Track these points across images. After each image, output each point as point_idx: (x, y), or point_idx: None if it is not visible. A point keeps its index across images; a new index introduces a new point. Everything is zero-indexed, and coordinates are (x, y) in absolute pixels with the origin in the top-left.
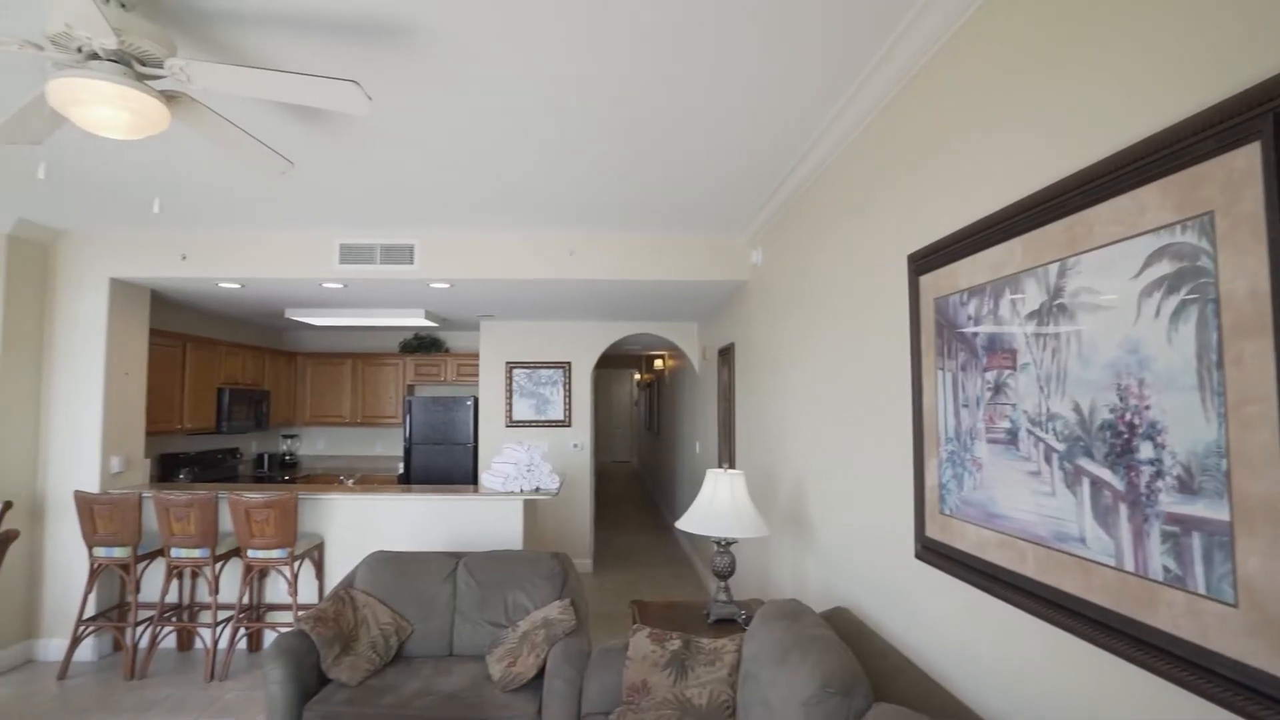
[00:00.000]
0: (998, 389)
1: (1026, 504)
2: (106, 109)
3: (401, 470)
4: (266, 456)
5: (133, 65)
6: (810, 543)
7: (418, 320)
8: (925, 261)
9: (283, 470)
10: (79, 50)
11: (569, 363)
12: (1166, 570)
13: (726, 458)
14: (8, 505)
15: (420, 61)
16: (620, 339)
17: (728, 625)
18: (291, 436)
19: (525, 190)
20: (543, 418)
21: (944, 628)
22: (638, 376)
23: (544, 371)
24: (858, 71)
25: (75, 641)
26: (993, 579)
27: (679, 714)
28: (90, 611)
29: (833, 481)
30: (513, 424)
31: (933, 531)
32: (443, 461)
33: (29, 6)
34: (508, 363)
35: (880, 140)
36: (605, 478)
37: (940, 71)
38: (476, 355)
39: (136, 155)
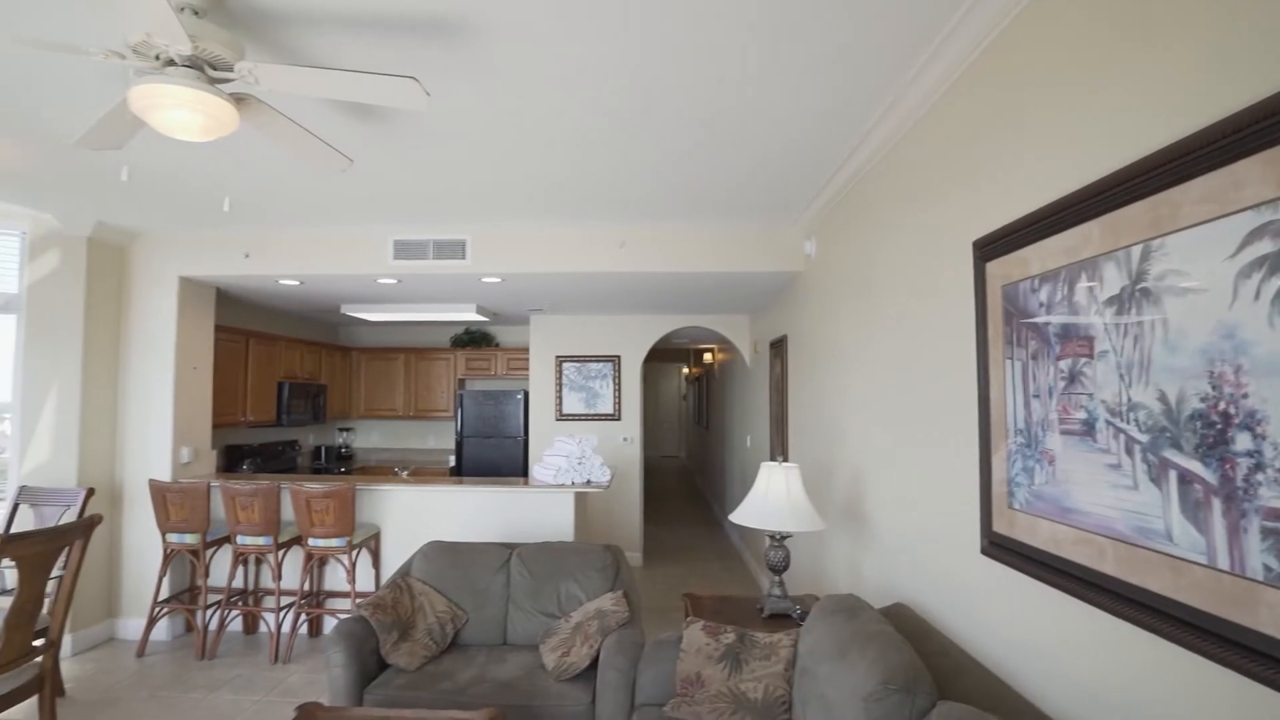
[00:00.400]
0: (1072, 378)
1: (1105, 498)
2: (182, 112)
3: (453, 463)
4: (324, 449)
5: (205, 70)
6: (867, 538)
7: (469, 315)
8: (992, 248)
9: (339, 462)
10: (157, 58)
11: (618, 356)
12: (1267, 569)
13: (779, 451)
14: (90, 492)
15: (472, 56)
16: (670, 332)
17: (782, 620)
18: (347, 429)
19: (576, 182)
20: (592, 411)
21: (1012, 626)
22: (686, 370)
23: (593, 365)
24: (922, 47)
25: (151, 622)
26: (1068, 576)
27: (734, 707)
28: (164, 594)
29: (891, 476)
30: (562, 417)
31: (1000, 527)
32: (493, 454)
33: (109, 20)
34: (557, 356)
35: (943, 122)
36: (653, 472)
37: (1010, 46)
38: (526, 349)
39: (204, 159)
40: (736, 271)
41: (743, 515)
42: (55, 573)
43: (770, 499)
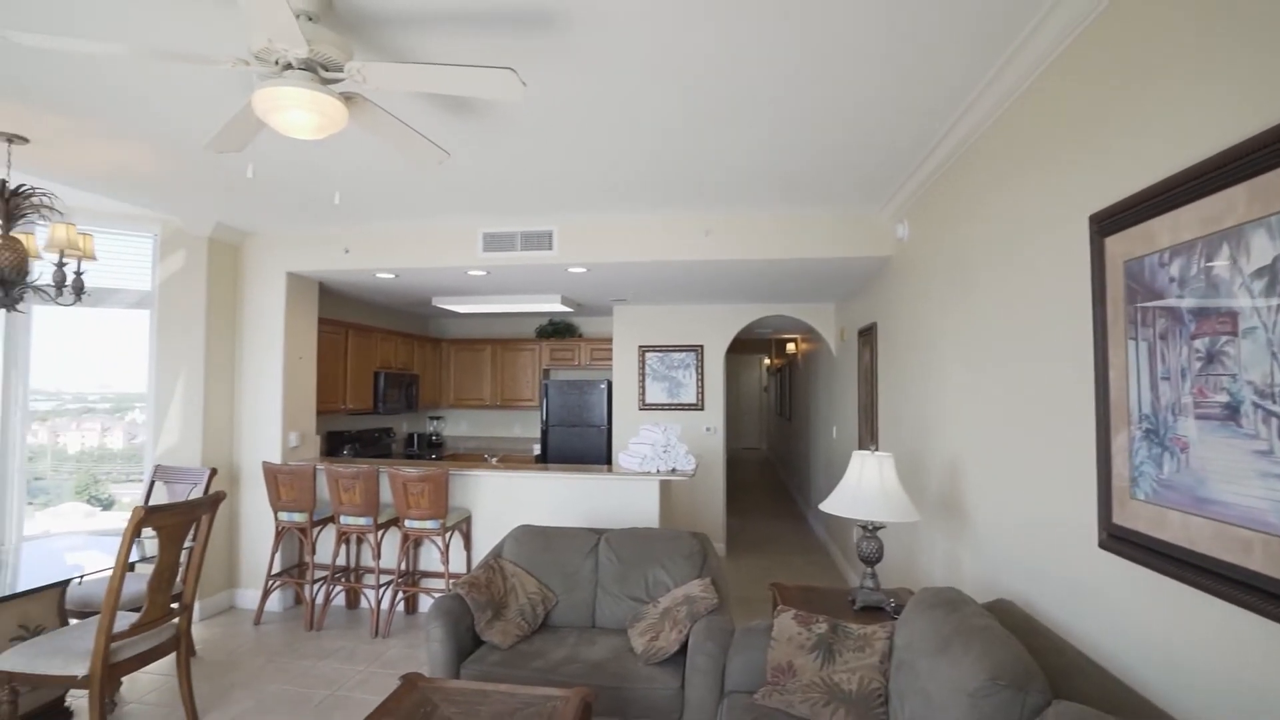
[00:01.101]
0: (1210, 358)
1: (1252, 488)
2: (299, 112)
3: (538, 451)
4: (415, 436)
5: (318, 71)
6: (965, 530)
7: (554, 305)
8: (1112, 221)
9: (430, 449)
10: (275, 63)
11: (701, 346)
12: None
13: (868, 442)
14: (213, 472)
15: (558, 47)
16: (753, 321)
17: (874, 613)
18: (437, 418)
19: (660, 171)
20: (675, 401)
21: (1135, 624)
22: (767, 361)
23: (676, 355)
24: (1034, 7)
25: (266, 593)
26: (1203, 572)
27: (827, 698)
28: (276, 568)
29: (993, 466)
30: (645, 407)
31: (1122, 519)
32: (577, 443)
33: (227, 31)
34: (640, 346)
35: (1055, 90)
36: (735, 464)
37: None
38: (609, 340)
39: (308, 161)
40: (823, 258)
41: (834, 504)
42: (186, 544)
43: (863, 488)
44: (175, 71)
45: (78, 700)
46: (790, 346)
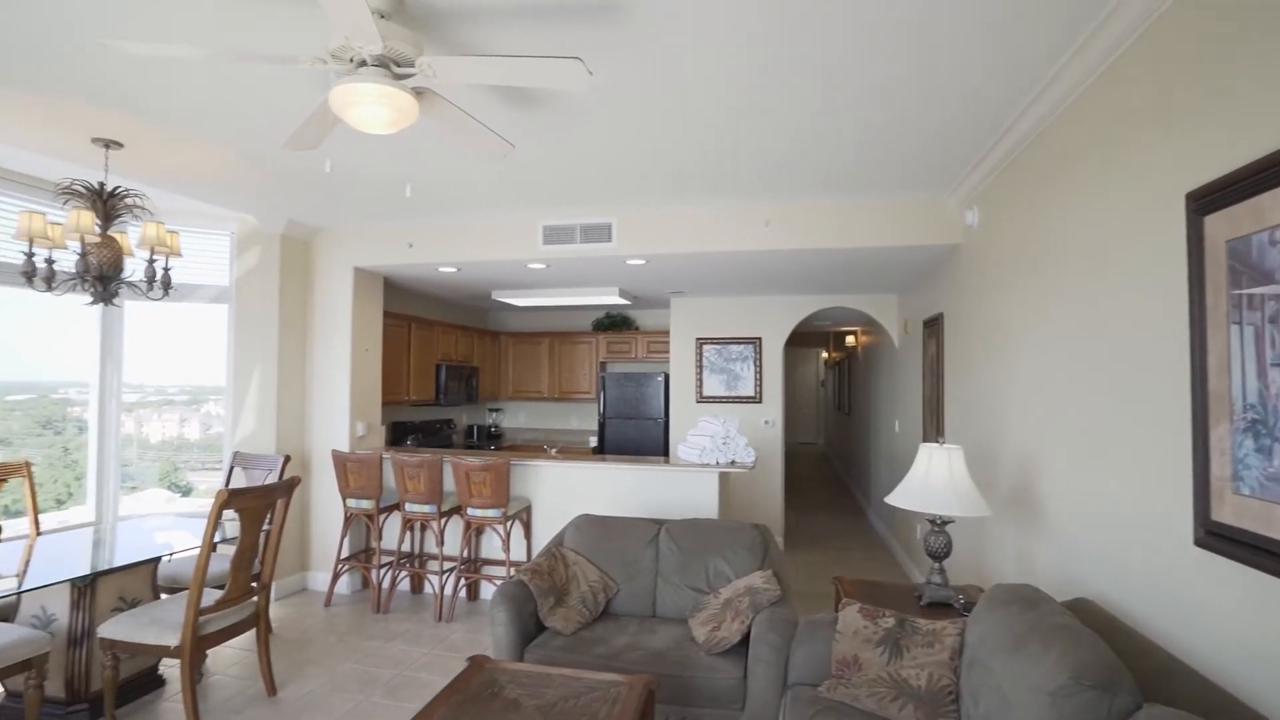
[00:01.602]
0: None
1: None
2: (374, 108)
3: (594, 443)
4: (475, 427)
5: (390, 67)
6: (1040, 526)
7: (612, 298)
8: (1213, 198)
9: (489, 440)
10: (351, 60)
11: (759, 338)
12: None
13: (933, 435)
14: (287, 459)
15: (619, 37)
16: (812, 313)
17: (941, 610)
18: (496, 410)
19: (720, 160)
20: (733, 393)
21: (1240, 628)
22: (825, 355)
23: (734, 347)
24: None
25: (335, 576)
26: None
27: (895, 693)
28: (345, 553)
29: (1071, 459)
30: (703, 399)
31: (1223, 515)
32: (634, 435)
33: (297, 33)
34: (698, 339)
35: (1145, 62)
36: (791, 459)
37: None
38: (665, 332)
39: (375, 159)
40: (886, 246)
41: (900, 497)
42: (264, 526)
43: (931, 481)
44: (252, 77)
45: (169, 670)
46: (849, 339)
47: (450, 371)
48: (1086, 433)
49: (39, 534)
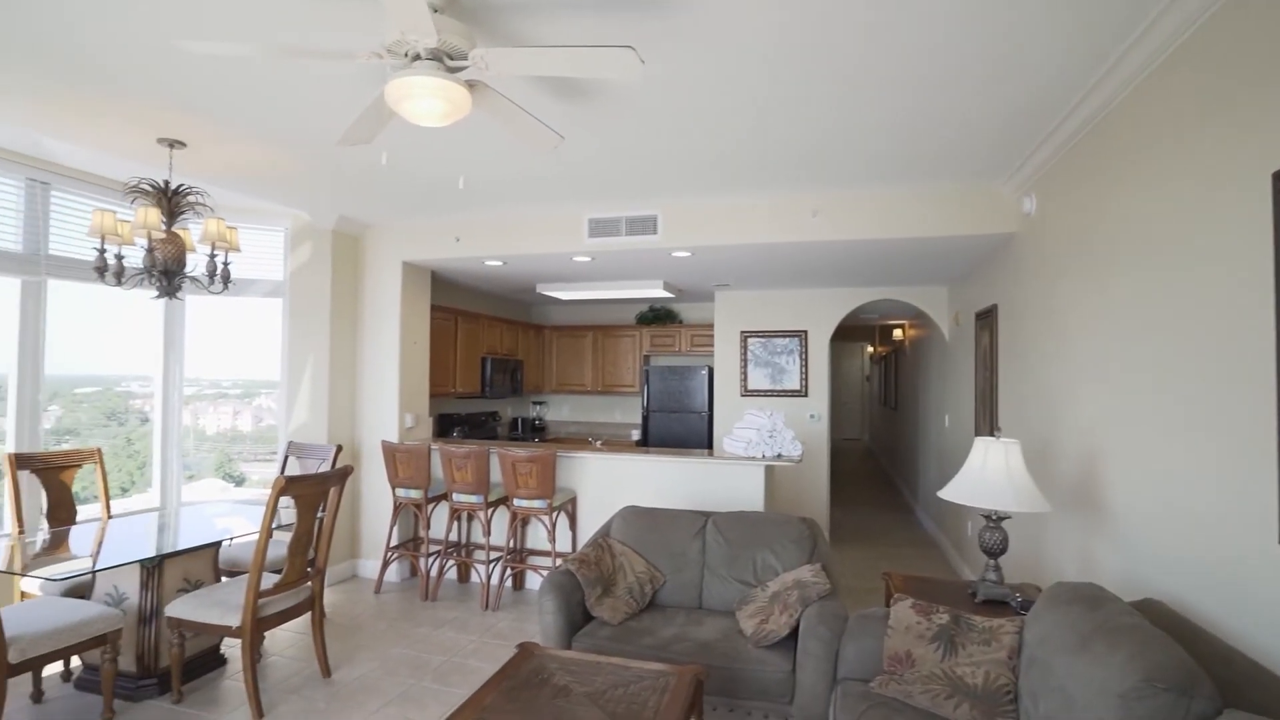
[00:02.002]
0: None
1: None
2: (428, 100)
3: (637, 436)
4: (519, 420)
5: (444, 61)
6: (1103, 524)
7: (656, 291)
8: None
9: (533, 433)
10: (405, 55)
11: (805, 331)
12: None
13: (985, 429)
14: (339, 448)
15: (668, 28)
16: (858, 307)
17: (996, 607)
18: (540, 403)
19: (768, 150)
20: (778, 387)
21: None
22: (870, 349)
23: (779, 340)
24: None
25: (385, 564)
26: None
27: (950, 690)
28: (394, 541)
29: (1138, 454)
30: (747, 393)
31: None
32: (678, 428)
33: (358, 32)
34: (742, 332)
35: (1226, 37)
36: (836, 454)
37: None
38: (709, 325)
39: (424, 155)
40: (939, 236)
41: (954, 492)
42: (319, 514)
43: (987, 476)
44: (306, 76)
45: (230, 650)
46: (896, 333)
47: (495, 364)
48: (1156, 427)
49: (110, 517)
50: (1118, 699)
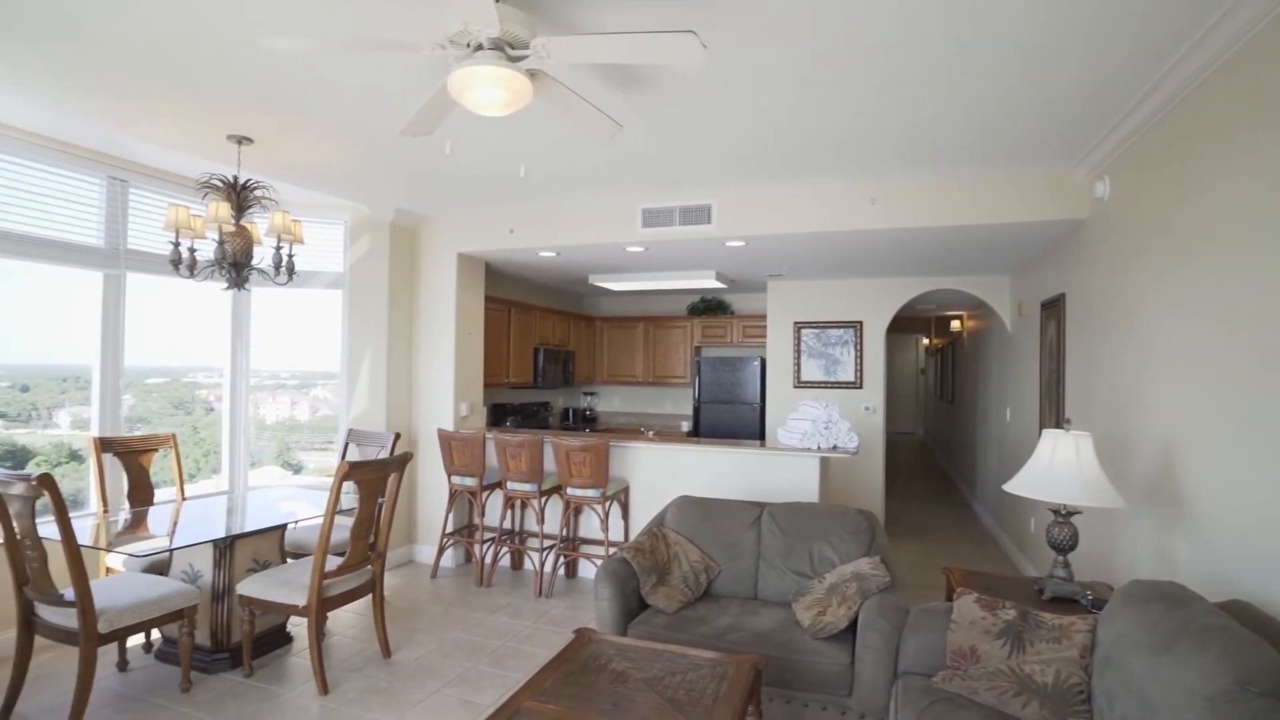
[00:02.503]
0: None
1: None
2: (491, 90)
3: (688, 428)
4: (570, 410)
5: (506, 50)
6: (1183, 520)
7: (708, 282)
8: None
9: (584, 424)
10: (468, 45)
11: (860, 322)
12: None
13: (1051, 422)
14: (397, 436)
15: (724, 14)
16: (916, 297)
17: (1065, 605)
18: (591, 394)
19: (825, 136)
20: (832, 379)
21: None
22: (925, 341)
23: (834, 331)
24: None
25: (440, 550)
26: None
27: (1017, 688)
28: (449, 528)
29: (1226, 449)
30: (800, 384)
31: None
32: (729, 419)
33: (420, 27)
34: (796, 323)
35: None
36: (890, 448)
37: None
38: (761, 316)
39: (480, 146)
40: (1003, 223)
41: (1021, 485)
42: (379, 499)
43: (1055, 469)
44: (367, 73)
45: (295, 629)
46: (954, 324)
47: (548, 355)
48: (1247, 420)
49: (184, 500)
50: (1205, 702)
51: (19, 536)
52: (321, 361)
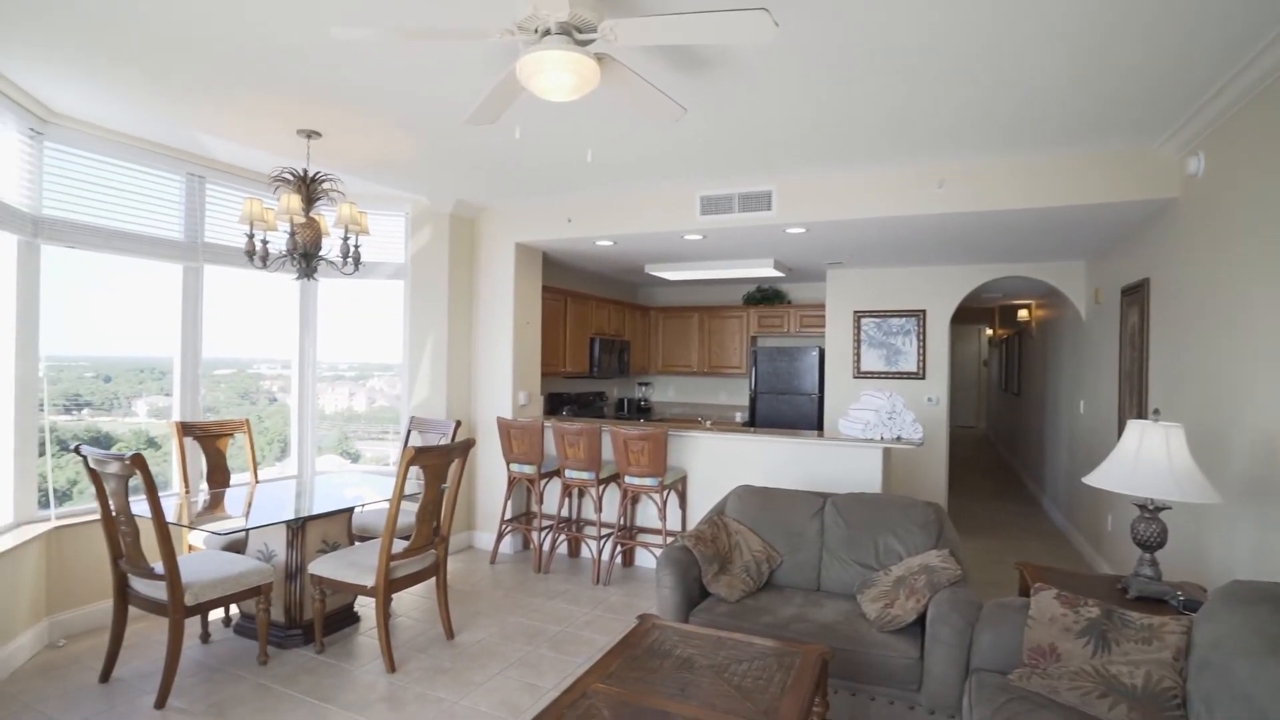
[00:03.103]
0: None
1: None
2: (559, 75)
3: (744, 418)
4: (626, 400)
5: (573, 34)
6: None
7: (766, 270)
8: None
9: (639, 414)
10: (535, 30)
11: (923, 311)
12: None
13: (1131, 414)
14: (458, 423)
15: None
16: (981, 285)
17: (1152, 605)
18: (646, 384)
19: (892, 116)
20: (893, 369)
21: None
22: (989, 332)
23: (895, 320)
24: None
25: (500, 536)
26: None
27: (1103, 689)
28: (508, 515)
29: None
30: (860, 374)
31: None
32: (786, 410)
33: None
34: (855, 312)
35: None
36: (952, 442)
37: None
38: (819, 305)
39: (541, 136)
40: (1081, 204)
41: (1104, 478)
42: (443, 484)
43: (1143, 462)
44: (430, 65)
45: (363, 609)
46: (1021, 313)
47: (603, 345)
48: None
49: (257, 483)
50: None
51: (114, 513)
52: (378, 353)
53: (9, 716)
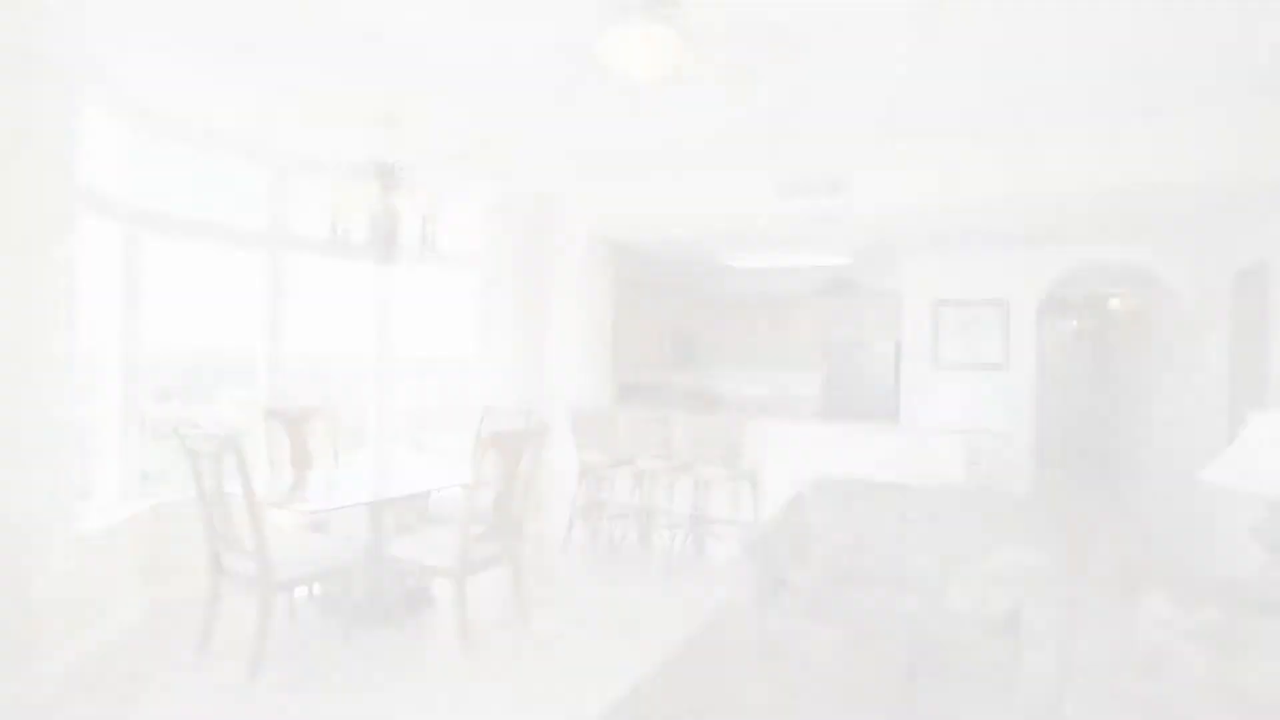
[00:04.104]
0: None
1: None
2: (641, 50)
3: (816, 408)
4: (695, 390)
5: (656, 9)
6: None
7: (838, 258)
8: None
9: (708, 404)
10: (619, 6)
11: (1006, 300)
12: None
13: (1241, 410)
14: (531, 412)
15: None
16: (1068, 273)
17: None
18: (715, 374)
19: (971, 88)
20: (974, 360)
21: None
22: (1074, 323)
23: (976, 310)
24: None
25: (570, 524)
26: None
27: (1226, 698)
28: (579, 502)
29: None
30: (939, 365)
31: None
32: (860, 400)
33: None
34: (934, 300)
35: None
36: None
37: None
38: (893, 294)
39: (613, 123)
40: (1192, 182)
41: (1225, 474)
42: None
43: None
44: (505, 49)
45: (440, 590)
46: (1113, 302)
47: (673, 335)
48: None
49: (338, 467)
50: None
51: (208, 493)
52: (449, 343)
53: (109, 686)
